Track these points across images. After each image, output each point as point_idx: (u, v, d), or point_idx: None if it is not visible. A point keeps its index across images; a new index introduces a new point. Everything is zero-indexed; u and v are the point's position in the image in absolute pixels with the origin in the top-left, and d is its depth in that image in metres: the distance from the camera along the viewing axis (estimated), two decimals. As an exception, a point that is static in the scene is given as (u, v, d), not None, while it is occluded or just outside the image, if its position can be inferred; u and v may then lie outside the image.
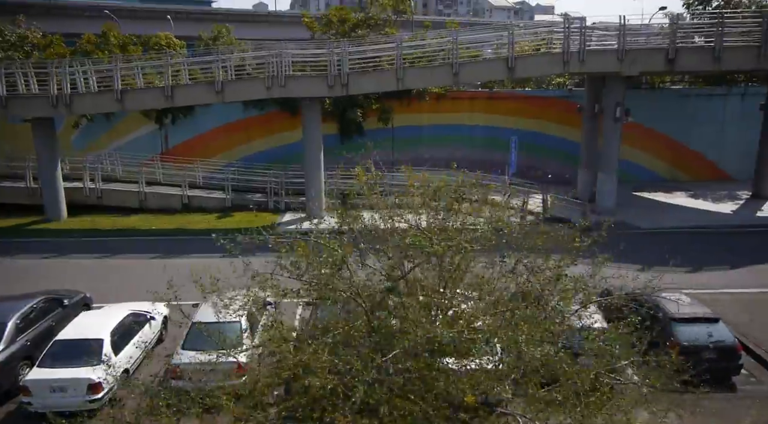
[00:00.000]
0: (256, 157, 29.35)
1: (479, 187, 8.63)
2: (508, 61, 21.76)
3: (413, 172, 8.69)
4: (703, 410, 9.12)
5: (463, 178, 8.12)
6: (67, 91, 21.59)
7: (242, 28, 54.80)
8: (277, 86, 21.81)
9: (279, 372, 6.06)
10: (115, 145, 29.32)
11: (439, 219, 7.51)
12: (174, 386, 7.61)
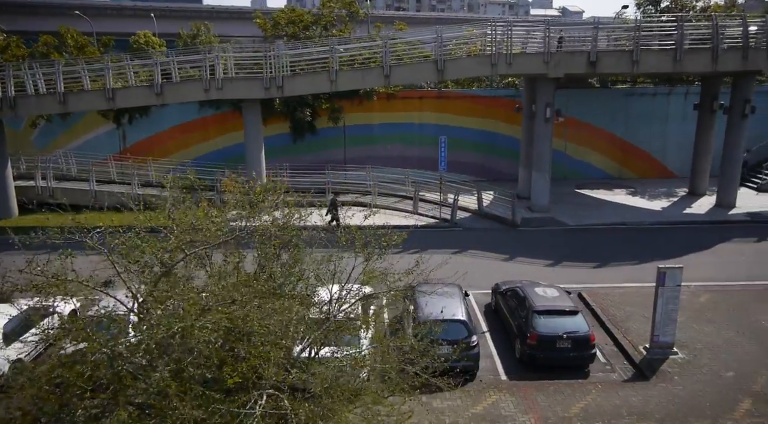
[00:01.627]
0: (213, 156, 30.24)
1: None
2: (438, 63, 22.57)
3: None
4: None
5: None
6: (11, 94, 22.52)
7: (229, 25, 55.94)
8: (215, 88, 22.71)
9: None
10: (75, 144, 30.30)
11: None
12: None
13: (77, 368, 6.42)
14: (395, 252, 19.97)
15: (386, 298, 9.25)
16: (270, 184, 10.38)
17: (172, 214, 8.40)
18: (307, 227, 9.66)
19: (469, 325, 12.38)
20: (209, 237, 7.80)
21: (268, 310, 7.25)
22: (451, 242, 21.68)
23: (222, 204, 9.44)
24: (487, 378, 12.56)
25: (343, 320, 8.55)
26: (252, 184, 9.49)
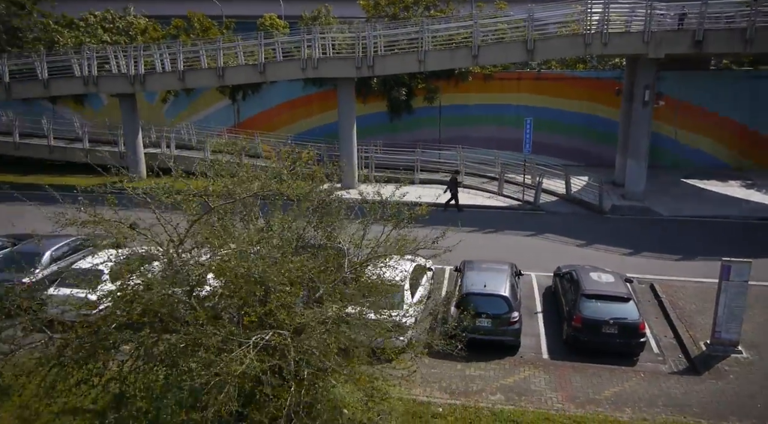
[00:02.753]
0: (315, 132, 32.10)
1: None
2: (527, 43, 22.20)
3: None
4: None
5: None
6: (141, 71, 25.67)
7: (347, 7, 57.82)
8: (311, 68, 24.19)
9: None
10: (197, 117, 33.65)
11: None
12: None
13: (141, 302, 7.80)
14: (468, 230, 20.76)
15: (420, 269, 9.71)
16: (302, 153, 11.36)
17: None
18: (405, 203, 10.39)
19: (510, 301, 12.60)
20: (242, 193, 8.83)
21: (287, 263, 8.20)
22: (529, 225, 21.52)
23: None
24: (528, 355, 12.75)
25: (370, 281, 9.29)
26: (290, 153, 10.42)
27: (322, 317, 7.42)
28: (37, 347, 7.45)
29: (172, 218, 8.71)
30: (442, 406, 10.72)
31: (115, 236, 7.73)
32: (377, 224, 10.01)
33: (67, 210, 7.68)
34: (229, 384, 6.58)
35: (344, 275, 8.58)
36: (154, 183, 8.88)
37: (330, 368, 7.49)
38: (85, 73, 26.37)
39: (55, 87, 27.35)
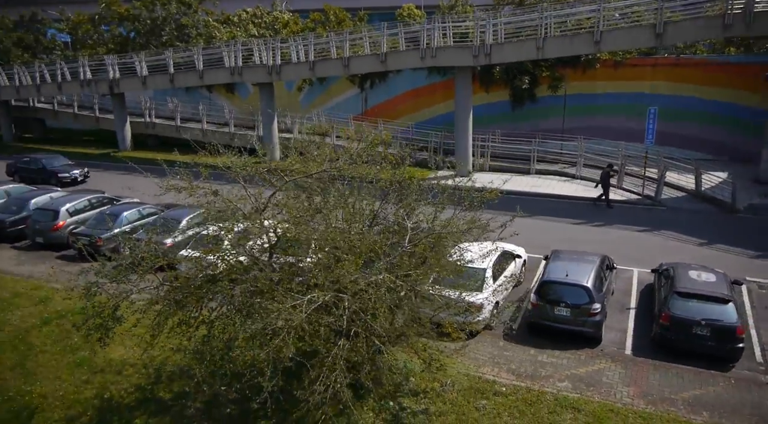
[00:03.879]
0: (437, 120, 32.81)
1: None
2: (656, 26, 20.82)
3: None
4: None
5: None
6: (278, 62, 28.18)
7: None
8: (429, 56, 24.85)
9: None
10: (328, 105, 36.01)
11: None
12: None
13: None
14: (576, 223, 20.60)
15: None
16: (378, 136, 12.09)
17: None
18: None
19: (591, 291, 12.39)
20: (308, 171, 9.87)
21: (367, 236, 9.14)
22: (644, 220, 20.41)
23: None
24: (610, 349, 12.47)
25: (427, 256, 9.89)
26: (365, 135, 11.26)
27: (373, 281, 8.18)
28: (150, 290, 9.14)
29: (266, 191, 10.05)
30: (506, 386, 11.03)
31: (202, 204, 9.19)
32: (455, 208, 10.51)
33: (164, 180, 9.27)
34: (285, 331, 7.65)
35: (403, 249, 9.28)
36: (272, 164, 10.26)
37: (380, 331, 8.21)
38: (232, 64, 29.55)
39: (207, 77, 31.03)
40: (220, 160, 9.19)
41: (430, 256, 9.68)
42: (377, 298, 8.06)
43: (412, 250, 9.32)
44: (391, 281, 8.45)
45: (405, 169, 10.90)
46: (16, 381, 11.58)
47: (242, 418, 10.12)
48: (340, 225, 9.29)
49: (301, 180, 9.77)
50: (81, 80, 34.20)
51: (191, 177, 9.11)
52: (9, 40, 45.20)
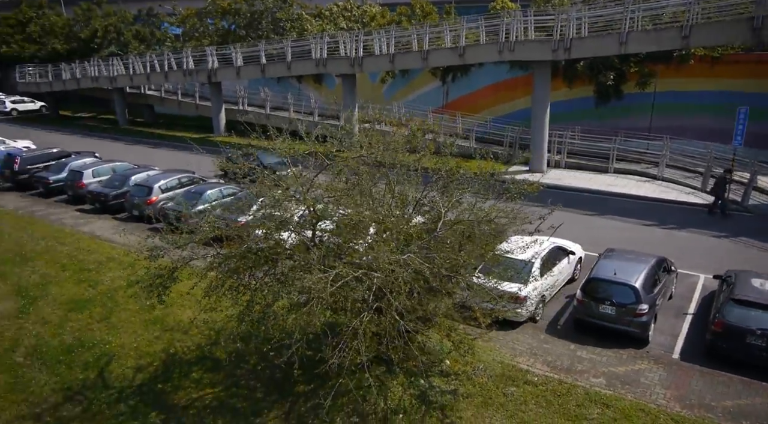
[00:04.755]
0: (516, 115, 32.44)
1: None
2: (755, 20, 19.47)
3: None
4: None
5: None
6: (360, 54, 29.14)
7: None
8: (507, 50, 24.70)
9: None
10: (410, 97, 36.60)
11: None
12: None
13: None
14: (649, 224, 20.25)
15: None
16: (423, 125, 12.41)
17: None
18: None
19: (639, 292, 12.13)
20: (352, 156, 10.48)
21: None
22: (724, 226, 19.32)
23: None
24: (656, 352, 12.18)
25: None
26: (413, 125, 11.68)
27: (400, 260, 8.69)
28: (207, 258, 10.20)
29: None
30: (538, 376, 11.17)
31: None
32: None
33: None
34: (315, 301, 8.36)
35: (435, 234, 9.72)
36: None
37: (401, 308, 8.70)
38: (318, 56, 30.90)
39: (295, 68, 32.65)
40: (271, 144, 10.06)
41: (465, 243, 10.04)
42: (402, 277, 8.56)
43: (444, 236, 9.69)
44: (418, 263, 8.93)
45: (448, 158, 11.23)
46: (101, 332, 13.25)
47: (285, 381, 11.03)
48: (382, 209, 9.87)
49: (345, 164, 10.39)
50: (184, 70, 37.13)
51: (242, 159, 10.06)
52: (129, 33, 49.85)
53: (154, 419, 10.26)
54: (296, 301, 8.94)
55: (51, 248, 18.36)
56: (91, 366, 11.93)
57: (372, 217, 9.73)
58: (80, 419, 10.34)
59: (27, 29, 56.96)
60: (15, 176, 26.18)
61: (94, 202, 22.78)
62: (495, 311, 10.11)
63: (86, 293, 15.14)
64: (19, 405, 10.79)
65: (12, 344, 12.85)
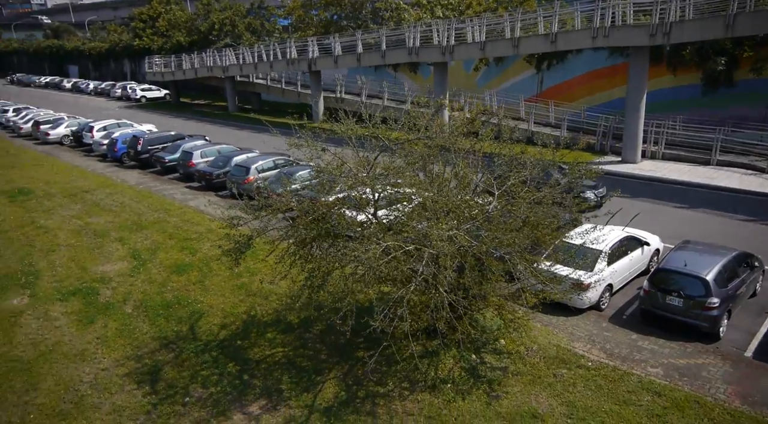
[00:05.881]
0: (614, 104, 31.09)
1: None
2: None
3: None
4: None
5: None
6: (452, 42, 29.40)
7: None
8: (602, 36, 23.89)
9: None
10: (504, 86, 36.26)
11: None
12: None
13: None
14: (745, 220, 19.66)
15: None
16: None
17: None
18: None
19: (710, 285, 11.70)
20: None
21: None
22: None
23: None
24: (727, 348, 11.74)
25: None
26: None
27: (449, 235, 9.22)
28: (280, 229, 11.31)
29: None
30: (592, 361, 11.23)
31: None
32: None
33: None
34: (366, 270, 9.14)
35: (486, 214, 10.12)
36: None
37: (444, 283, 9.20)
38: (411, 44, 31.55)
39: (389, 56, 33.54)
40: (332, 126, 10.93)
41: (520, 226, 10.33)
42: (449, 252, 9.09)
43: (497, 217, 10.03)
44: (466, 240, 9.42)
45: (511, 144, 11.49)
46: (196, 293, 14.96)
47: (348, 347, 11.98)
48: (438, 189, 10.44)
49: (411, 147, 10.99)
50: (287, 59, 39.35)
51: (313, 141, 11.00)
52: (242, 26, 53.45)
53: (232, 369, 11.60)
54: (351, 270, 9.77)
55: (161, 219, 20.68)
56: (185, 321, 13.58)
57: (430, 196, 10.31)
58: (172, 364, 11.91)
59: (156, 24, 62.81)
60: (138, 155, 29.44)
61: (201, 180, 25.18)
62: (544, 293, 10.32)
63: (186, 259, 17.03)
64: (125, 348, 12.61)
65: (124, 297, 14.89)
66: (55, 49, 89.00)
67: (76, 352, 12.50)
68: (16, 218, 21.44)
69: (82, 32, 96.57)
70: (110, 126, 34.73)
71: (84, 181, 26.74)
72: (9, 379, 11.62)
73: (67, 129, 37.22)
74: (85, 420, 10.32)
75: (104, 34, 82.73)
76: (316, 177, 11.17)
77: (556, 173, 11.61)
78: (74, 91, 72.18)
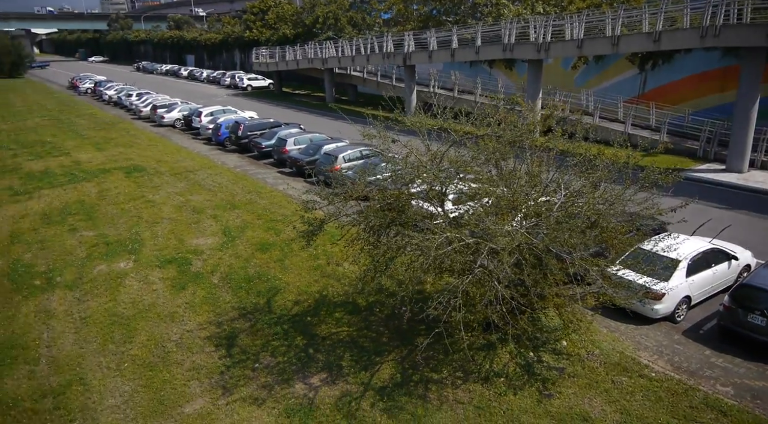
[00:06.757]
0: (727, 108, 28.95)
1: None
2: None
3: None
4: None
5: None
6: (548, 40, 28.72)
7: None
8: (711, 35, 22.39)
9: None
10: (603, 86, 34.81)
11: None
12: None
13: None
14: None
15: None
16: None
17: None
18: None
19: None
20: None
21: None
22: None
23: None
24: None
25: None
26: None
27: (505, 232, 9.39)
28: (352, 214, 11.93)
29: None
30: (656, 373, 10.89)
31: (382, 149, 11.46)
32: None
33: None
34: (426, 260, 9.50)
35: (550, 214, 10.11)
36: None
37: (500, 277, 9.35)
38: (506, 41, 31.18)
39: (483, 52, 33.33)
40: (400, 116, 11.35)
41: (585, 228, 10.23)
42: (508, 248, 9.25)
43: (561, 217, 10.00)
44: (525, 237, 9.52)
45: (587, 144, 11.33)
46: (275, 270, 16.02)
47: (409, 332, 12.42)
48: (506, 185, 10.58)
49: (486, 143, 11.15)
50: (383, 53, 40.18)
51: (385, 132, 11.49)
52: (345, 19, 55.17)
53: (299, 342, 12.43)
54: (413, 258, 10.17)
55: (252, 201, 22.16)
56: (263, 295, 14.64)
57: (497, 192, 10.48)
58: (247, 332, 12.94)
59: (266, 17, 66.28)
60: (238, 140, 31.50)
61: (292, 166, 26.57)
62: (606, 296, 10.16)
63: (271, 238, 18.21)
64: (208, 313, 13.85)
65: (212, 268, 16.26)
66: (176, 40, 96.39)
67: (167, 313, 13.91)
68: (130, 192, 23.85)
69: (200, 24, 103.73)
70: (216, 112, 37.36)
71: (189, 162, 29.08)
72: (111, 331, 13.18)
73: (179, 113, 40.46)
74: (168, 373, 11.54)
75: (219, 26, 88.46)
76: (384, 166, 11.63)
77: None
78: (189, 78, 77.84)
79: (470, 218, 10.35)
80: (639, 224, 11.63)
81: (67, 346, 12.65)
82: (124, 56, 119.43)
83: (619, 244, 10.96)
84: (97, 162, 29.64)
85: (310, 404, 10.42)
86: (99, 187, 24.67)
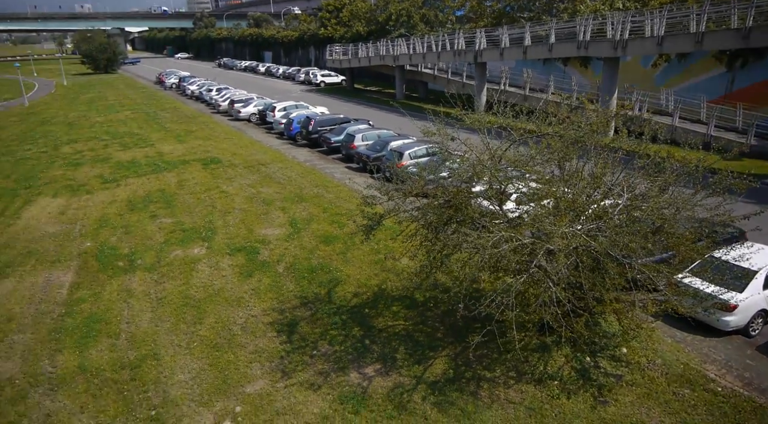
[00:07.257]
0: (823, 110, 26.94)
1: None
2: None
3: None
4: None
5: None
6: (625, 37, 27.64)
7: None
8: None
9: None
10: (685, 84, 33.06)
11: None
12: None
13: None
14: None
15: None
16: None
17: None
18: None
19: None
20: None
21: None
22: None
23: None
24: None
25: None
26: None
27: (562, 233, 9.28)
28: (410, 210, 12.13)
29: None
30: (723, 387, 10.42)
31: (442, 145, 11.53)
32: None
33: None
34: (482, 258, 9.56)
35: (611, 217, 9.88)
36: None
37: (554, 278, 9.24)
38: (581, 38, 30.28)
39: (555, 50, 32.53)
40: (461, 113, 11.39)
41: (648, 232, 9.93)
42: (563, 250, 9.14)
43: (623, 221, 9.76)
44: (583, 240, 9.37)
45: (652, 145, 10.97)
46: (337, 262, 16.49)
47: (465, 329, 12.50)
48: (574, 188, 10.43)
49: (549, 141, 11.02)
50: (454, 50, 40.01)
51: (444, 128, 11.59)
52: (417, 17, 55.31)
53: (356, 332, 12.79)
54: (469, 255, 10.25)
55: (319, 194, 22.82)
56: (324, 285, 15.14)
57: (557, 193, 10.35)
58: (307, 320, 13.45)
59: (340, 14, 67.49)
60: (309, 135, 32.42)
61: (359, 161, 27.07)
62: (668, 304, 9.83)
63: (335, 231, 18.72)
64: (272, 301, 14.49)
65: (278, 258, 16.95)
66: (255, 37, 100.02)
67: (235, 298, 14.67)
68: (206, 182, 25.16)
69: (278, 21, 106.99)
70: (289, 107, 38.56)
71: (262, 155, 30.26)
72: (183, 312, 14.08)
73: (254, 108, 42.07)
74: (233, 355, 12.22)
75: (296, 24, 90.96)
76: (447, 164, 11.74)
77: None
78: (266, 74, 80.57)
79: (529, 218, 10.29)
80: (711, 231, 11.10)
81: (144, 323, 13.63)
82: (208, 53, 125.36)
83: (687, 251, 10.53)
84: (178, 153, 31.41)
85: (363, 392, 10.74)
86: (178, 178, 26.18)
